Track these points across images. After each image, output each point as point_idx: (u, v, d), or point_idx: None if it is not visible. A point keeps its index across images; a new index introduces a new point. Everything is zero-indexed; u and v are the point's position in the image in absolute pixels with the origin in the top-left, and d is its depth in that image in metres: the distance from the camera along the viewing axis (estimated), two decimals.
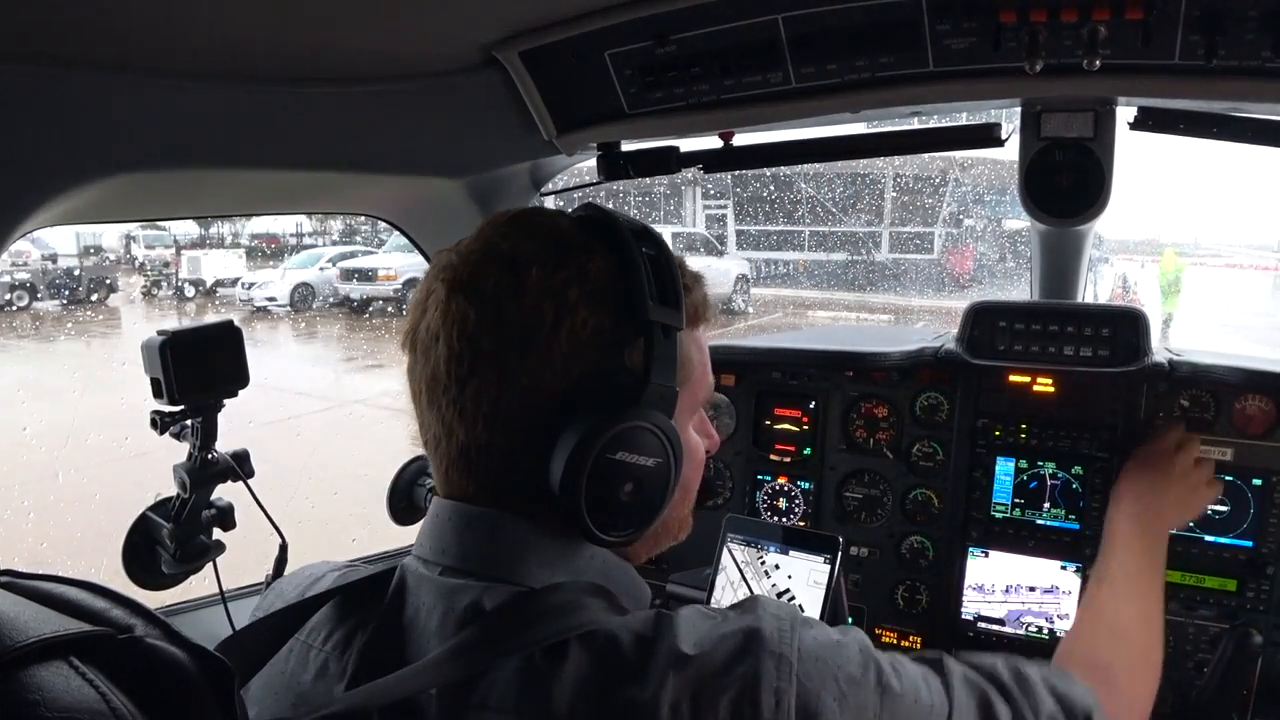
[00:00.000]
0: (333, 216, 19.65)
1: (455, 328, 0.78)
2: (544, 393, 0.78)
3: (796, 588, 1.53)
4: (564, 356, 0.77)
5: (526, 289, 0.77)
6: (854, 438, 1.97)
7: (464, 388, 0.78)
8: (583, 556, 0.84)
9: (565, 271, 0.78)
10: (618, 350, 0.80)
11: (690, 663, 0.70)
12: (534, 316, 0.77)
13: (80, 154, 1.09)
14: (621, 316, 0.79)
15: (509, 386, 0.77)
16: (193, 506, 1.40)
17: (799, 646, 0.73)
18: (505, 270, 0.79)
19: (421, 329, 0.82)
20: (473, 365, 0.78)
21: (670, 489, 0.84)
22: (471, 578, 0.79)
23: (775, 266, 22.91)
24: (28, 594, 0.64)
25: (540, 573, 0.80)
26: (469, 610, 0.76)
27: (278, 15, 1.08)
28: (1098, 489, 1.73)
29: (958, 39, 1.25)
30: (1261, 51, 1.14)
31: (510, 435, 0.79)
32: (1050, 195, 1.55)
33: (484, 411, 0.78)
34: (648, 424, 0.79)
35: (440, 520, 0.84)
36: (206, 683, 0.62)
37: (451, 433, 0.80)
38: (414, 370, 0.84)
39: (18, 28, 0.95)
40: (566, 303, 0.77)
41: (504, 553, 0.81)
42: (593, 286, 0.79)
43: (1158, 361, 1.65)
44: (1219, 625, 1.65)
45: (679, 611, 0.76)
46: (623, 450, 0.78)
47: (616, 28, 1.32)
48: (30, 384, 9.36)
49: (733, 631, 0.73)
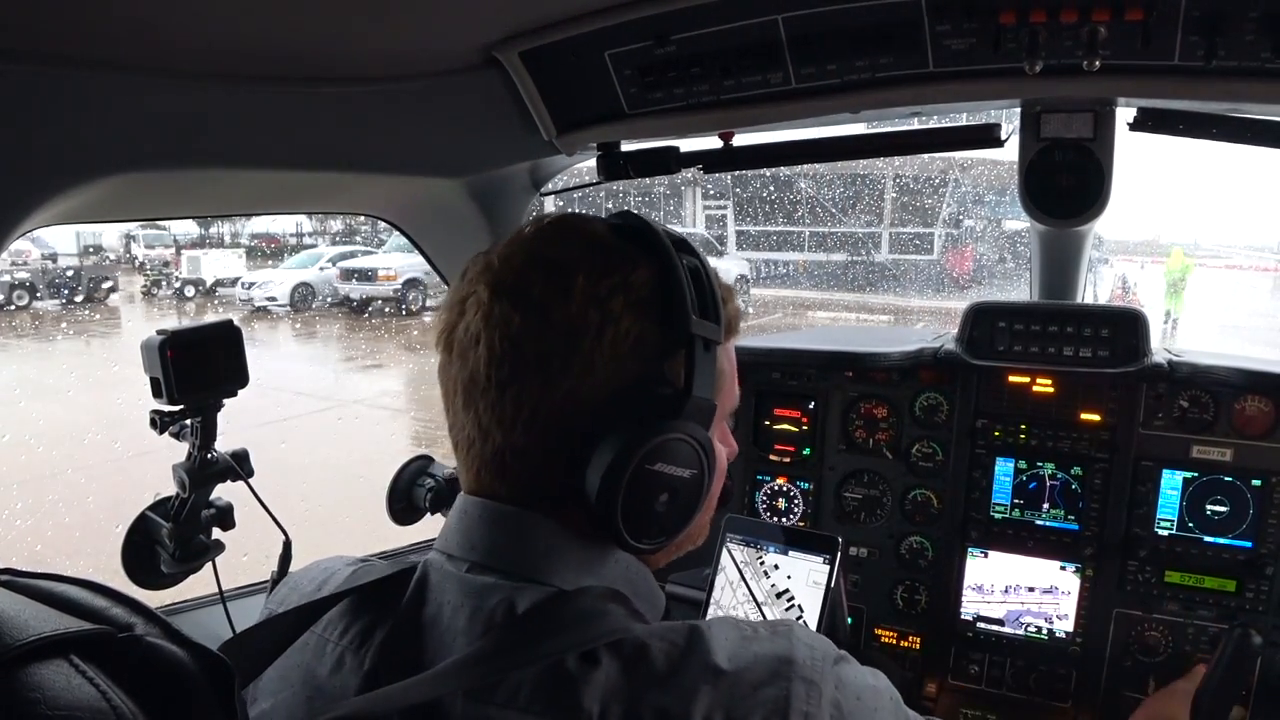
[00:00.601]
0: (333, 216, 19.66)
1: (498, 330, 0.78)
2: (584, 400, 0.78)
3: (796, 588, 1.53)
4: (606, 365, 0.78)
5: (572, 295, 0.77)
6: (853, 438, 1.97)
7: (504, 391, 0.78)
8: (609, 561, 0.84)
9: (611, 280, 0.79)
10: (658, 361, 0.81)
11: (724, 677, 0.71)
12: (579, 323, 0.77)
13: (80, 154, 1.09)
14: (664, 328, 0.80)
15: (550, 392, 0.77)
16: (192, 506, 1.40)
17: (837, 678, 0.74)
18: (551, 275, 0.79)
19: (460, 330, 0.82)
20: (514, 369, 0.78)
21: (703, 499, 0.86)
22: (500, 575, 0.80)
23: (775, 267, 22.91)
24: (28, 592, 0.64)
25: (568, 575, 0.80)
26: (500, 610, 0.76)
27: (278, 16, 1.08)
28: (1097, 489, 1.74)
29: (958, 39, 1.25)
30: (1261, 52, 1.14)
31: (548, 440, 0.79)
32: (1050, 196, 1.56)
33: (524, 416, 0.78)
34: (687, 436, 0.80)
35: (470, 516, 0.84)
36: (207, 681, 0.62)
37: (488, 435, 0.81)
38: (448, 370, 0.84)
39: (18, 28, 0.95)
40: (611, 312, 0.78)
41: (534, 553, 0.81)
42: (637, 296, 0.79)
43: (1157, 362, 1.65)
44: (1218, 625, 1.66)
45: (711, 623, 0.77)
46: (661, 461, 0.79)
47: (616, 28, 1.32)
48: (31, 383, 9.36)
49: (767, 653, 0.74)
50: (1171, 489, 1.70)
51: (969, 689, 1.82)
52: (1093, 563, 1.73)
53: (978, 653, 1.83)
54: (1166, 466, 1.70)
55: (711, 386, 0.83)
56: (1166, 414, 1.71)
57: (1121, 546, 1.72)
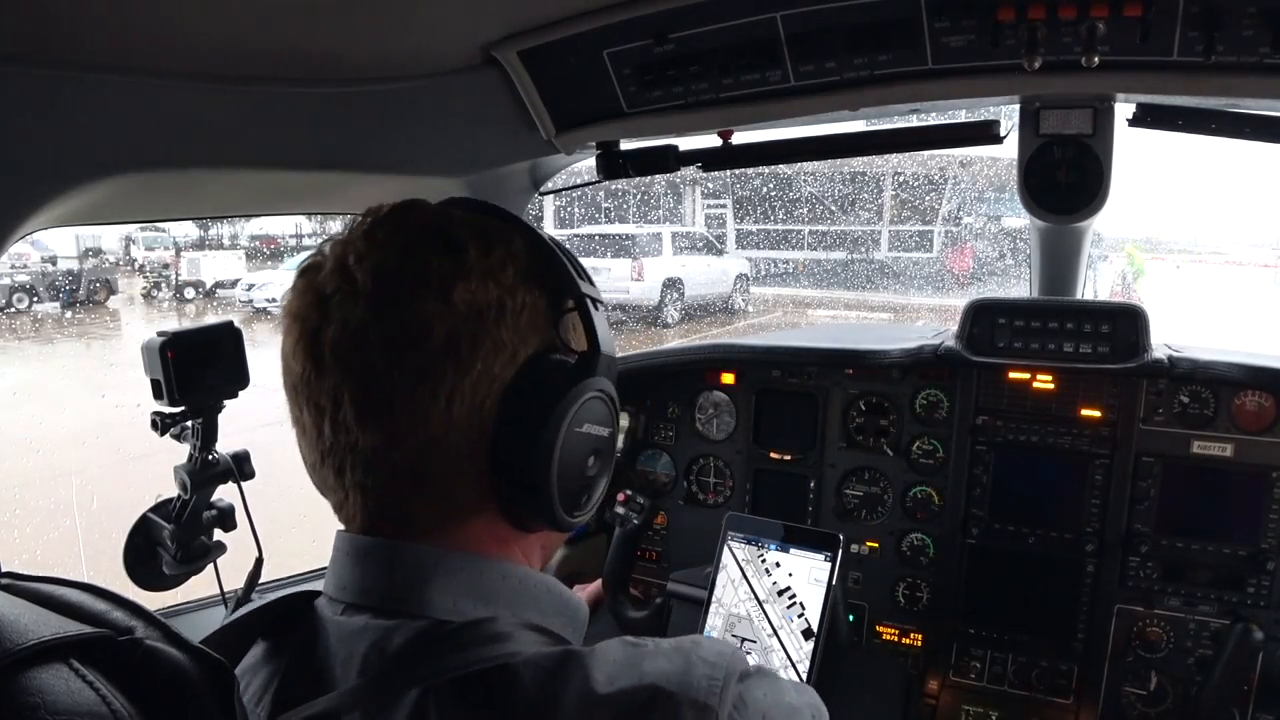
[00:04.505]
0: (333, 217, 19.61)
1: (395, 322, 0.73)
2: (496, 379, 0.73)
3: (797, 585, 1.53)
4: (512, 339, 0.74)
5: (469, 272, 0.73)
6: (854, 435, 1.97)
7: (414, 389, 0.73)
8: (496, 576, 0.76)
9: (497, 252, 0.75)
10: (554, 328, 0.78)
11: (601, 704, 0.64)
12: (481, 300, 0.73)
13: (80, 154, 1.09)
14: (551, 294, 0.78)
15: (463, 378, 0.73)
16: (193, 508, 1.40)
17: (738, 698, 0.67)
18: (445, 251, 0.74)
19: (331, 333, 0.74)
20: (423, 362, 0.73)
21: (614, 456, 0.84)
22: (372, 614, 0.73)
23: (775, 265, 22.89)
24: (28, 596, 0.64)
25: (447, 601, 0.73)
26: (373, 655, 0.70)
27: (278, 16, 1.08)
28: (1097, 486, 1.73)
29: (956, 36, 1.25)
30: (1260, 47, 1.14)
31: (468, 432, 0.73)
32: (1049, 192, 1.55)
33: (437, 412, 0.73)
34: (603, 393, 0.79)
35: (339, 553, 0.78)
36: (206, 684, 0.62)
37: (392, 445, 0.74)
38: (315, 384, 0.75)
39: (18, 28, 0.95)
40: (505, 284, 0.74)
41: (406, 583, 0.73)
42: (523, 265, 0.76)
43: (1157, 358, 1.65)
44: (1219, 621, 1.65)
45: (599, 645, 0.70)
46: (588, 422, 0.77)
47: (615, 27, 1.32)
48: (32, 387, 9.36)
49: (655, 671, 0.67)
50: (1172, 484, 1.70)
51: (971, 686, 1.82)
52: (1094, 558, 1.73)
53: (979, 649, 1.83)
54: (1167, 462, 1.70)
55: (611, 342, 0.81)
56: (1167, 409, 1.71)
57: (1122, 542, 1.72)
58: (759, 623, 1.53)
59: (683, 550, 2.08)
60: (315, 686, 0.72)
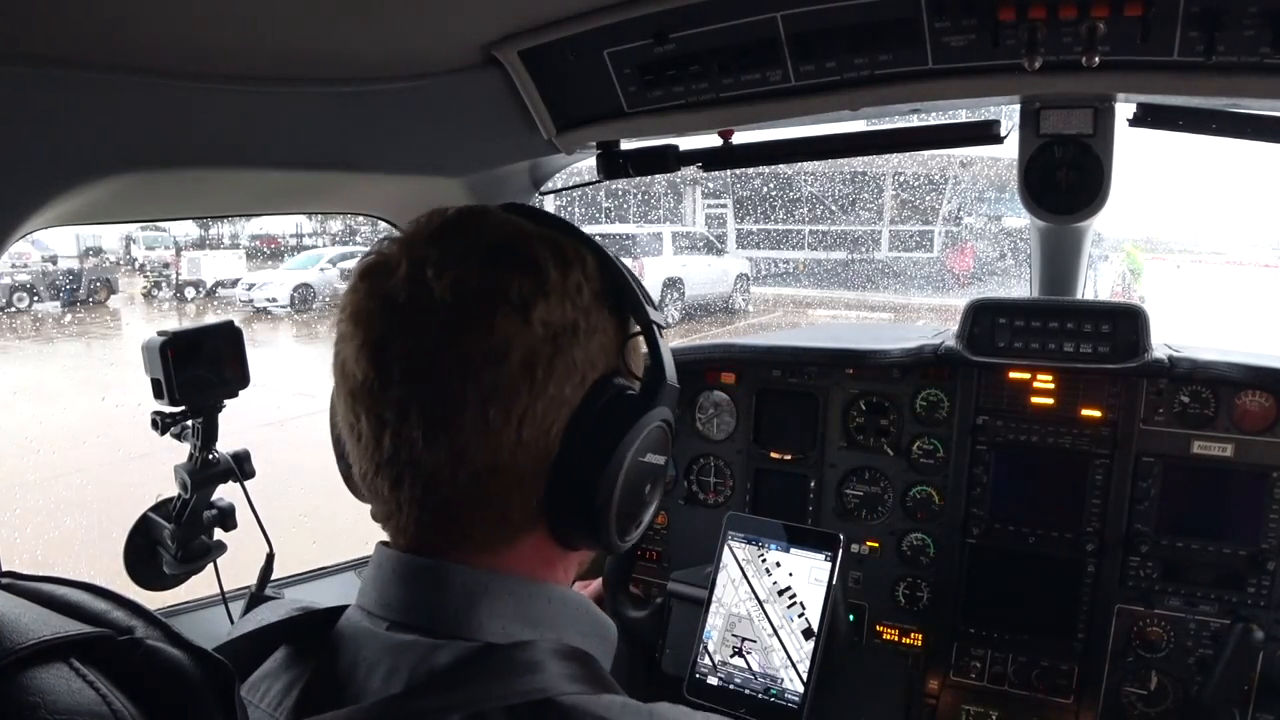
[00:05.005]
0: (333, 216, 19.64)
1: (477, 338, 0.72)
2: (565, 403, 0.73)
3: (798, 585, 1.53)
4: (584, 362, 0.74)
5: (549, 291, 0.72)
6: (854, 435, 1.97)
7: (485, 408, 0.72)
8: (541, 600, 0.77)
9: (574, 273, 0.74)
10: (619, 353, 0.78)
11: None
12: (560, 321, 0.72)
13: (80, 154, 1.09)
14: (619, 317, 0.78)
15: (535, 401, 0.72)
16: (194, 507, 1.40)
17: None
18: (525, 270, 0.73)
19: (398, 345, 0.73)
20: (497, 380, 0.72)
21: (664, 481, 0.84)
22: (421, 633, 0.72)
23: (775, 265, 22.88)
24: (28, 596, 0.64)
25: (498, 625, 0.73)
26: (421, 667, 0.70)
27: (277, 16, 1.08)
28: (1098, 486, 1.73)
29: (957, 36, 1.25)
30: (1260, 47, 1.14)
31: (533, 452, 0.73)
32: (1050, 192, 1.55)
33: (510, 431, 0.72)
34: (665, 423, 0.79)
35: (384, 571, 0.78)
36: (207, 684, 0.62)
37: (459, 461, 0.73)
38: (380, 395, 0.74)
39: (18, 28, 0.95)
40: (582, 306, 0.74)
41: (457, 605, 0.73)
42: (596, 287, 0.76)
43: (1157, 358, 1.65)
44: (1220, 621, 1.65)
45: (656, 707, 0.72)
46: (650, 451, 0.78)
47: (615, 26, 1.32)
48: (32, 386, 9.36)
49: None
50: (1172, 484, 1.70)
51: (971, 686, 1.82)
52: (1094, 558, 1.73)
53: (980, 649, 1.83)
54: (1168, 462, 1.70)
55: (674, 372, 0.81)
56: (1167, 410, 1.70)
57: (1123, 542, 1.72)
58: (759, 622, 1.53)
59: (683, 550, 2.08)
60: (343, 696, 0.71)
